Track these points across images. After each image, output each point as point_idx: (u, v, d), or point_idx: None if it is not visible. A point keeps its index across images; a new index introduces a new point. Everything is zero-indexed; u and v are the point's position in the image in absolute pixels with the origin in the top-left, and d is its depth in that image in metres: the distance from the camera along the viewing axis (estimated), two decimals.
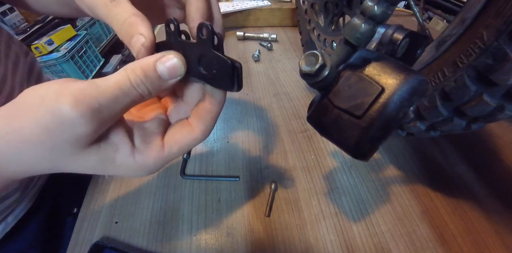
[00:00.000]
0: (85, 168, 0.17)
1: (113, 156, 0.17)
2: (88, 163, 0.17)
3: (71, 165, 0.17)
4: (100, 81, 0.15)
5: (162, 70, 0.17)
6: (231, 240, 0.30)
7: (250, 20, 0.73)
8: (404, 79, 0.16)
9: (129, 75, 0.16)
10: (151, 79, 0.16)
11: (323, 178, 0.36)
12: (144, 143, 0.19)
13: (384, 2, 0.16)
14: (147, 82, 0.16)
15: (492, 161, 0.38)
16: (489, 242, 0.29)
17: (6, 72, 0.32)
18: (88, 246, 0.29)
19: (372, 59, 0.18)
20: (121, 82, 0.16)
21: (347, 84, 0.18)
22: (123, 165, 0.18)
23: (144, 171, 0.19)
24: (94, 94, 0.15)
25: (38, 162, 0.16)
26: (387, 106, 0.16)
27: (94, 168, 0.18)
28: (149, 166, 0.19)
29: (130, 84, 0.16)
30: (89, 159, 0.17)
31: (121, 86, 0.15)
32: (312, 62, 0.17)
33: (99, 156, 0.17)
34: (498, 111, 0.21)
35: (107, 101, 0.15)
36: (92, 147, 0.17)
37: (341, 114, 0.18)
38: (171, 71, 0.17)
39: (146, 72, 0.16)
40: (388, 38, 0.20)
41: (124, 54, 2.19)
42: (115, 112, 0.16)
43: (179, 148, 0.19)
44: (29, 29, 1.47)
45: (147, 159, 0.18)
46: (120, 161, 0.18)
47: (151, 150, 0.18)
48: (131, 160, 0.18)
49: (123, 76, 0.16)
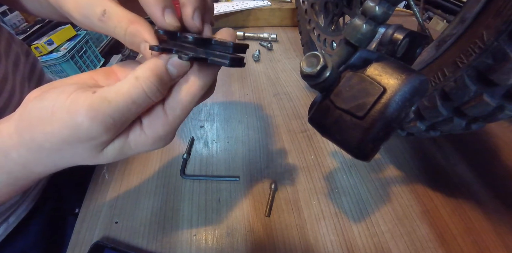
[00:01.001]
0: (107, 160, 0.19)
1: (128, 143, 0.18)
2: (108, 156, 0.18)
3: (91, 161, 0.18)
4: (111, 96, 0.15)
5: (172, 70, 0.17)
6: (231, 240, 0.30)
7: (250, 20, 0.73)
8: (405, 79, 0.16)
9: (143, 84, 0.16)
10: (165, 83, 0.17)
11: (323, 178, 0.36)
12: (148, 117, 0.19)
13: (385, 3, 0.16)
14: (162, 86, 0.17)
15: (492, 161, 0.38)
16: (489, 242, 0.29)
17: (7, 72, 0.32)
18: (88, 246, 0.29)
19: (373, 59, 0.18)
20: (134, 94, 0.16)
21: (349, 85, 0.18)
22: (139, 144, 0.19)
23: (161, 142, 0.19)
24: (108, 111, 0.15)
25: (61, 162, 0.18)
26: (389, 106, 0.16)
27: (115, 157, 0.19)
28: (161, 135, 0.19)
29: (144, 94, 0.16)
30: (108, 154, 0.18)
31: (134, 99, 0.16)
32: (313, 63, 0.17)
33: (116, 149, 0.18)
34: (498, 111, 0.21)
35: (120, 115, 0.16)
36: (109, 146, 0.18)
37: (342, 115, 0.18)
38: (179, 69, 0.18)
39: (160, 77, 0.16)
40: (388, 38, 0.20)
41: (124, 54, 2.19)
42: (128, 119, 0.17)
43: (181, 109, 0.18)
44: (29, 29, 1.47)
45: (158, 130, 0.18)
46: (135, 143, 0.18)
47: (157, 120, 0.18)
48: (144, 137, 0.18)
49: (136, 88, 0.16)
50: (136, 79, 0.16)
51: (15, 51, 0.35)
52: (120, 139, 0.18)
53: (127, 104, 0.16)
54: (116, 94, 0.15)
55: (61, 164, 0.19)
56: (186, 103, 0.18)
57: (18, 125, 0.17)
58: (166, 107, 0.18)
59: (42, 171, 0.19)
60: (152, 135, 0.18)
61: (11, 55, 0.34)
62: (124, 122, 0.17)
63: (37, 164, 0.18)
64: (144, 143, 0.19)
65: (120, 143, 0.18)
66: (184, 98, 0.18)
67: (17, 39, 0.38)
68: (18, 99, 0.33)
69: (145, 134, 0.18)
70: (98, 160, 0.18)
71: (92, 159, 0.18)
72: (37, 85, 0.39)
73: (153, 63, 0.17)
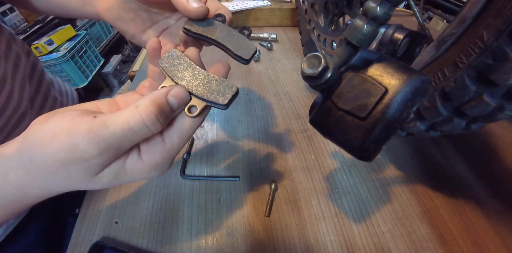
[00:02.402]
0: (101, 185, 0.19)
1: (124, 168, 0.18)
2: (103, 181, 0.18)
3: (86, 186, 0.18)
4: (109, 121, 0.16)
5: (173, 101, 0.18)
6: (231, 240, 0.30)
7: (250, 20, 0.73)
8: (407, 80, 0.16)
9: (142, 112, 0.16)
10: (165, 113, 0.17)
11: (323, 178, 0.36)
12: (147, 144, 0.19)
13: (386, 3, 0.16)
14: (161, 116, 0.17)
15: (492, 161, 0.38)
16: (489, 242, 0.29)
17: (6, 73, 0.32)
18: (88, 246, 0.29)
19: (374, 59, 0.18)
20: (132, 122, 0.16)
21: (350, 86, 0.18)
22: (136, 171, 0.19)
23: (157, 170, 0.19)
24: (104, 136, 0.16)
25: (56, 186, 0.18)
26: (391, 107, 0.16)
27: (109, 183, 0.19)
28: (158, 163, 0.19)
29: (142, 122, 0.16)
30: (103, 179, 0.18)
31: (131, 126, 0.16)
32: (314, 65, 0.17)
33: (111, 174, 0.18)
34: (498, 111, 0.21)
35: (115, 141, 0.16)
36: (104, 171, 0.18)
37: (344, 116, 0.18)
38: (180, 102, 0.18)
39: (160, 106, 0.17)
40: (389, 38, 0.20)
41: (124, 54, 2.19)
42: (123, 146, 0.17)
43: (179, 137, 0.19)
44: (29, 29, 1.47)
45: (155, 157, 0.19)
46: (131, 169, 0.18)
47: (154, 147, 0.19)
48: (141, 164, 0.18)
49: (134, 116, 0.16)
50: (136, 108, 0.16)
51: (15, 52, 0.35)
52: (116, 164, 0.18)
53: (123, 131, 0.16)
54: (115, 120, 0.16)
55: (56, 187, 0.19)
56: (184, 131, 0.19)
57: (19, 147, 0.17)
58: (165, 135, 0.19)
59: (37, 194, 0.19)
60: (149, 162, 0.18)
61: (11, 55, 0.34)
62: (119, 148, 0.17)
63: (32, 187, 0.18)
64: (141, 170, 0.19)
65: (117, 168, 0.18)
66: (181, 126, 0.19)
67: (18, 39, 0.38)
68: (17, 99, 0.33)
69: (143, 161, 0.18)
70: (93, 184, 0.18)
71: (86, 183, 0.18)
72: (37, 85, 0.39)
73: (154, 93, 0.17)
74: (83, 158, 0.16)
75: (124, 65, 2.11)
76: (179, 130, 0.19)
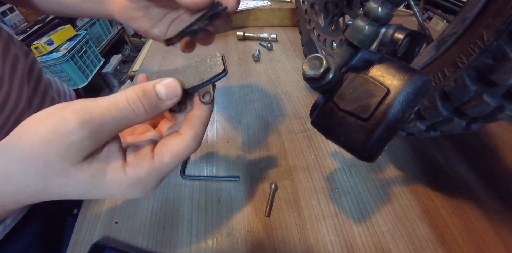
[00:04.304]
0: (75, 186, 0.17)
1: (104, 170, 0.17)
2: (78, 180, 0.17)
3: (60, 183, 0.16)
4: (99, 99, 0.17)
5: (160, 89, 0.18)
6: (231, 240, 0.30)
7: (250, 20, 0.73)
8: (409, 80, 0.16)
9: (127, 93, 0.17)
10: (149, 97, 0.17)
11: (323, 178, 0.36)
12: (135, 157, 0.18)
13: (388, 4, 0.16)
14: (144, 99, 0.17)
15: (492, 161, 0.38)
16: (489, 242, 0.29)
17: (3, 73, 0.32)
18: (88, 246, 0.29)
19: (375, 60, 0.18)
20: (117, 99, 0.17)
21: (352, 86, 0.18)
22: (114, 181, 0.17)
23: (138, 188, 0.18)
24: (91, 111, 0.16)
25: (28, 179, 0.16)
26: (393, 107, 0.16)
27: (83, 187, 0.17)
28: (142, 179, 0.18)
29: (126, 101, 0.17)
30: (80, 176, 0.16)
31: (115, 102, 0.16)
32: (316, 66, 0.17)
33: (90, 171, 0.17)
34: (498, 111, 0.21)
35: (100, 116, 0.16)
36: (83, 163, 0.16)
37: (346, 117, 0.18)
38: (169, 90, 0.18)
39: (145, 90, 0.17)
40: (389, 38, 0.20)
41: (124, 54, 2.19)
42: (109, 129, 0.16)
43: (170, 157, 0.18)
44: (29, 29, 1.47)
45: (139, 172, 0.18)
46: (110, 176, 0.17)
47: (142, 161, 0.18)
48: (122, 175, 0.17)
49: (120, 95, 0.17)
50: (124, 91, 0.17)
51: (13, 53, 0.35)
52: (97, 162, 0.17)
53: (108, 106, 0.16)
54: (104, 98, 0.17)
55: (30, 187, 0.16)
56: (176, 152, 0.18)
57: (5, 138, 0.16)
58: (156, 151, 0.18)
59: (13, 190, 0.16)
60: (132, 176, 0.17)
61: (9, 57, 0.34)
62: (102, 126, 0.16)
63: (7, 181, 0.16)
64: (119, 181, 0.17)
65: (96, 166, 0.17)
66: (174, 145, 0.18)
67: (16, 40, 0.38)
68: (15, 100, 0.33)
69: (125, 172, 0.17)
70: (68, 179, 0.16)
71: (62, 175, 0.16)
72: (35, 86, 0.39)
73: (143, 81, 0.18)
74: (67, 130, 0.15)
75: (124, 65, 2.11)
76: (172, 149, 0.18)
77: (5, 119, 0.31)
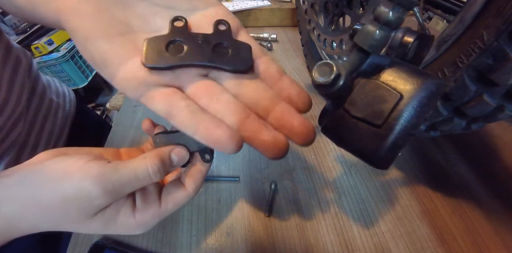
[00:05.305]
0: (88, 230, 0.20)
1: (115, 218, 0.19)
2: (91, 226, 0.19)
3: (74, 227, 0.19)
4: (120, 167, 0.18)
5: (174, 158, 0.21)
6: (231, 240, 0.30)
7: (250, 20, 0.73)
8: (422, 84, 0.16)
9: (148, 163, 0.19)
10: (166, 166, 0.20)
11: (323, 178, 0.36)
12: (144, 203, 0.21)
13: (399, 8, 0.15)
14: (162, 168, 0.19)
15: (492, 161, 0.38)
16: (489, 242, 0.29)
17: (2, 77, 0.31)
18: (88, 246, 0.29)
19: (385, 64, 0.17)
20: (139, 170, 0.19)
21: (363, 92, 0.17)
22: (124, 225, 0.20)
23: (141, 228, 0.21)
24: (112, 178, 0.18)
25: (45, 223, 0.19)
26: (407, 113, 0.16)
27: (96, 230, 0.20)
28: (147, 223, 0.21)
29: (147, 171, 0.19)
30: (93, 223, 0.19)
31: (137, 173, 0.18)
32: (326, 72, 0.17)
33: (103, 220, 0.19)
34: (498, 111, 0.21)
35: (120, 184, 0.18)
36: (98, 214, 0.19)
37: (358, 124, 0.17)
38: (179, 158, 0.21)
39: (163, 160, 0.20)
40: (398, 42, 0.19)
41: None
42: (126, 190, 0.19)
43: (173, 205, 0.21)
44: (29, 29, 1.46)
45: (146, 217, 0.20)
46: (121, 222, 0.20)
47: (150, 208, 0.21)
48: (132, 220, 0.20)
49: (141, 165, 0.19)
50: (143, 158, 0.19)
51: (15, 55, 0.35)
52: (110, 211, 0.19)
53: (130, 176, 0.18)
54: (125, 167, 0.18)
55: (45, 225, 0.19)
56: (178, 201, 0.21)
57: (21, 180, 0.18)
58: (163, 200, 0.21)
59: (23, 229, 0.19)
60: (140, 221, 0.20)
61: (10, 59, 0.34)
62: (121, 192, 0.18)
63: (20, 219, 0.18)
64: (129, 225, 0.20)
65: (109, 215, 0.19)
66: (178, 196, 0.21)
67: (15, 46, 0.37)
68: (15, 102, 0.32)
69: (134, 218, 0.20)
70: (82, 227, 0.19)
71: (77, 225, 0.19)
72: (33, 87, 0.39)
73: (160, 149, 0.20)
74: (88, 196, 0.17)
75: None
76: (176, 199, 0.21)
77: (4, 122, 0.31)
